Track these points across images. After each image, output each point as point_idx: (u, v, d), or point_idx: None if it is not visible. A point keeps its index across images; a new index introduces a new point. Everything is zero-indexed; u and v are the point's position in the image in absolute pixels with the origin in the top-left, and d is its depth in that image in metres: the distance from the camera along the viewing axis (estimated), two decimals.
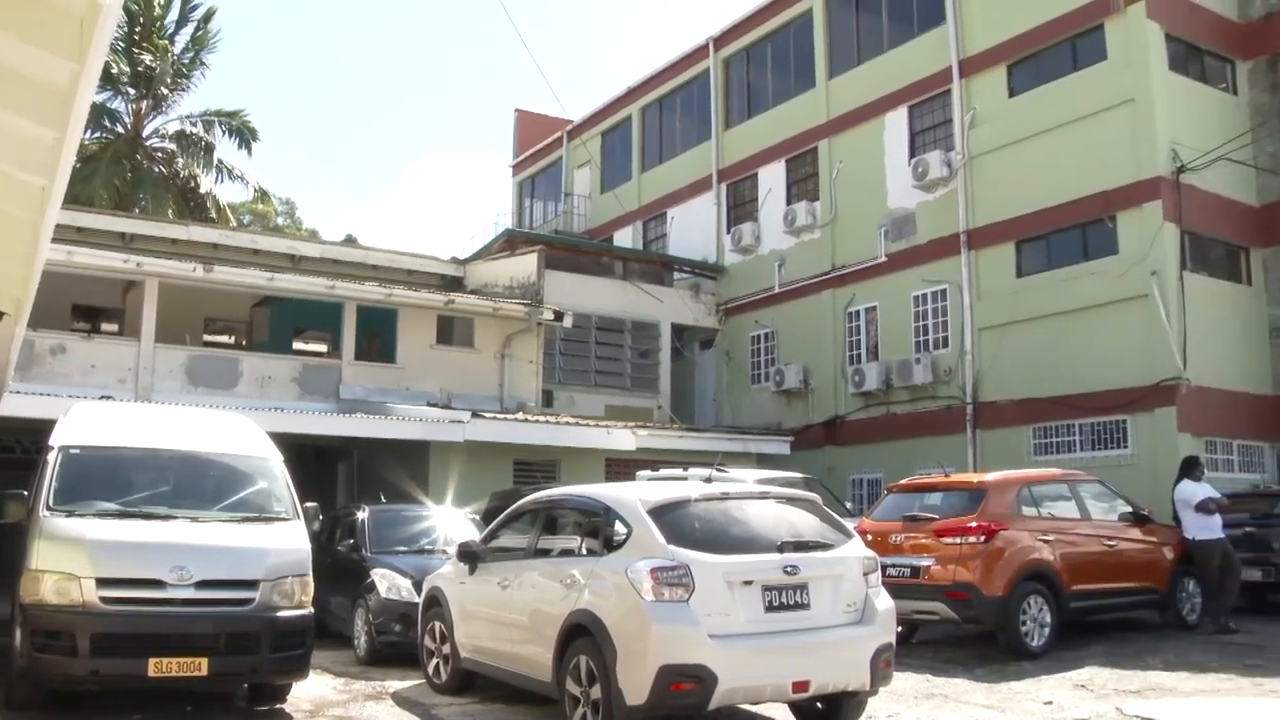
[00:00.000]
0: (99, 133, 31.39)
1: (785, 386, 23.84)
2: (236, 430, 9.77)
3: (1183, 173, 17.87)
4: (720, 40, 27.84)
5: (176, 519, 8.21)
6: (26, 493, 8.54)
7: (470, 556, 9.09)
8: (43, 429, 10.03)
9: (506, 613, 8.34)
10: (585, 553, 7.78)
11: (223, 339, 23.60)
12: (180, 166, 32.38)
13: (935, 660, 11.10)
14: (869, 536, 10.64)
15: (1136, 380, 17.67)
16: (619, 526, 7.46)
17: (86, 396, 14.67)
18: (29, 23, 3.84)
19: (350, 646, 11.67)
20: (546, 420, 20.02)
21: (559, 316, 22.34)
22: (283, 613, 7.96)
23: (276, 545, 8.26)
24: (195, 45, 32.38)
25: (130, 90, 31.51)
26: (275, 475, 9.12)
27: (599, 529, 7.69)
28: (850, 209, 23.29)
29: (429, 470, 18.61)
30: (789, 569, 7.08)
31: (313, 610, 8.30)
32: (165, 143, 32.79)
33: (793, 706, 7.86)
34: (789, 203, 24.85)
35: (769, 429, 23.64)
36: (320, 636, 9.19)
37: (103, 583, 7.48)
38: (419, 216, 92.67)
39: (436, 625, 9.51)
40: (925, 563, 11.30)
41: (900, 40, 22.78)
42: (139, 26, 31.00)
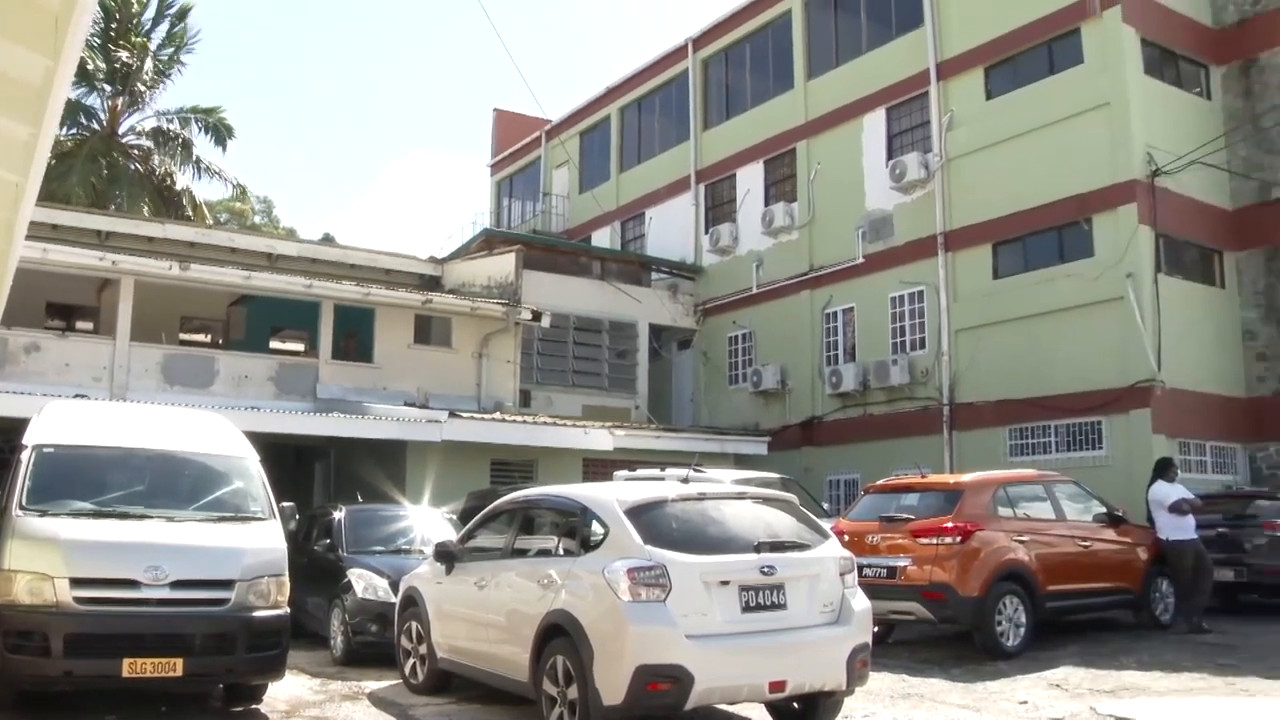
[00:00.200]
0: (74, 129, 31.11)
1: (763, 387, 23.88)
2: (212, 429, 9.70)
3: (1157, 176, 18.03)
4: (699, 41, 27.85)
5: (151, 519, 8.14)
6: None
7: (447, 556, 9.07)
8: (16, 428, 9.95)
9: (483, 613, 8.32)
10: (562, 553, 7.77)
11: (199, 338, 23.44)
12: (157, 164, 32.17)
13: (911, 660, 11.15)
14: (846, 537, 10.70)
15: (1111, 382, 17.80)
16: (596, 526, 7.45)
17: (61, 395, 14.57)
18: (3, 18, 3.81)
19: (326, 647, 11.61)
20: (524, 420, 19.98)
21: (536, 316, 22.32)
22: (258, 613, 7.91)
23: (252, 545, 8.21)
24: (172, 42, 32.19)
25: (106, 87, 31.28)
26: (251, 475, 9.06)
27: (576, 529, 7.68)
28: (828, 210, 23.37)
29: (406, 470, 18.57)
30: (766, 569, 7.09)
31: (289, 610, 8.25)
32: (141, 140, 32.58)
33: (769, 706, 7.88)
34: (767, 204, 24.90)
35: (746, 429, 23.68)
36: (296, 637, 9.16)
37: (77, 583, 7.41)
38: (397, 216, 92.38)
39: (413, 625, 9.47)
40: (902, 563, 11.33)
41: (878, 42, 22.87)
42: (115, 23, 30.82)
